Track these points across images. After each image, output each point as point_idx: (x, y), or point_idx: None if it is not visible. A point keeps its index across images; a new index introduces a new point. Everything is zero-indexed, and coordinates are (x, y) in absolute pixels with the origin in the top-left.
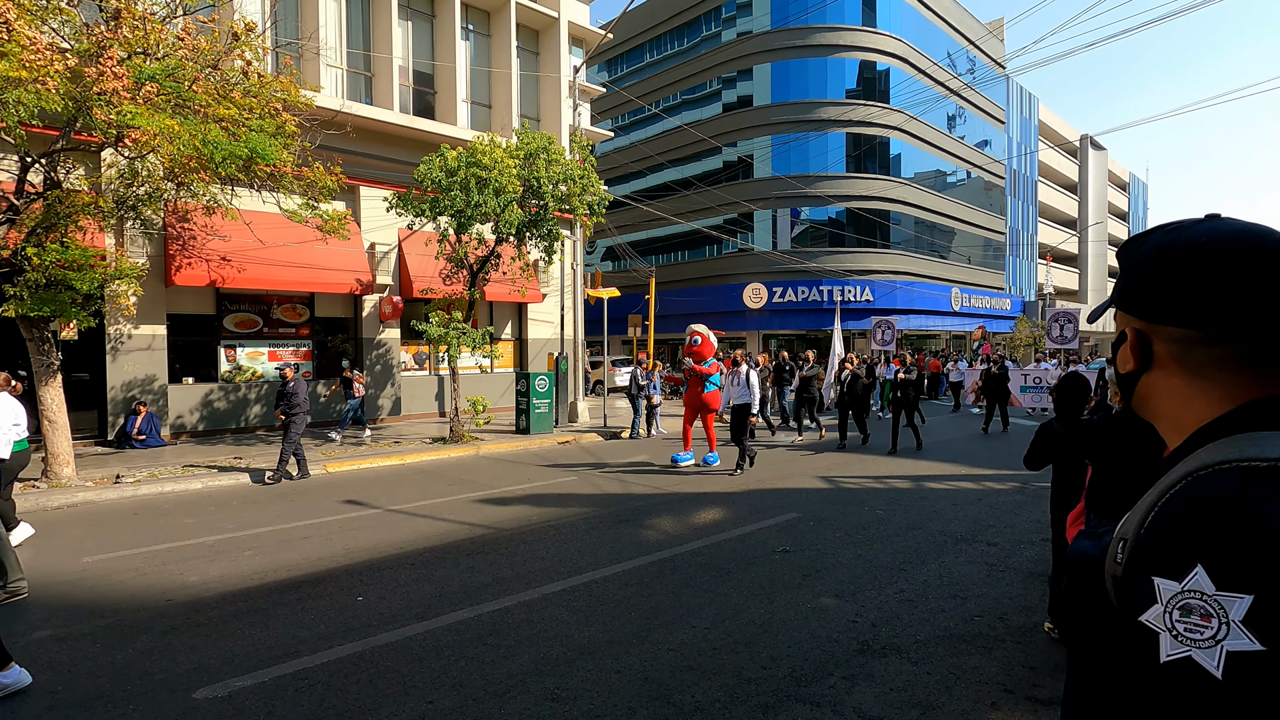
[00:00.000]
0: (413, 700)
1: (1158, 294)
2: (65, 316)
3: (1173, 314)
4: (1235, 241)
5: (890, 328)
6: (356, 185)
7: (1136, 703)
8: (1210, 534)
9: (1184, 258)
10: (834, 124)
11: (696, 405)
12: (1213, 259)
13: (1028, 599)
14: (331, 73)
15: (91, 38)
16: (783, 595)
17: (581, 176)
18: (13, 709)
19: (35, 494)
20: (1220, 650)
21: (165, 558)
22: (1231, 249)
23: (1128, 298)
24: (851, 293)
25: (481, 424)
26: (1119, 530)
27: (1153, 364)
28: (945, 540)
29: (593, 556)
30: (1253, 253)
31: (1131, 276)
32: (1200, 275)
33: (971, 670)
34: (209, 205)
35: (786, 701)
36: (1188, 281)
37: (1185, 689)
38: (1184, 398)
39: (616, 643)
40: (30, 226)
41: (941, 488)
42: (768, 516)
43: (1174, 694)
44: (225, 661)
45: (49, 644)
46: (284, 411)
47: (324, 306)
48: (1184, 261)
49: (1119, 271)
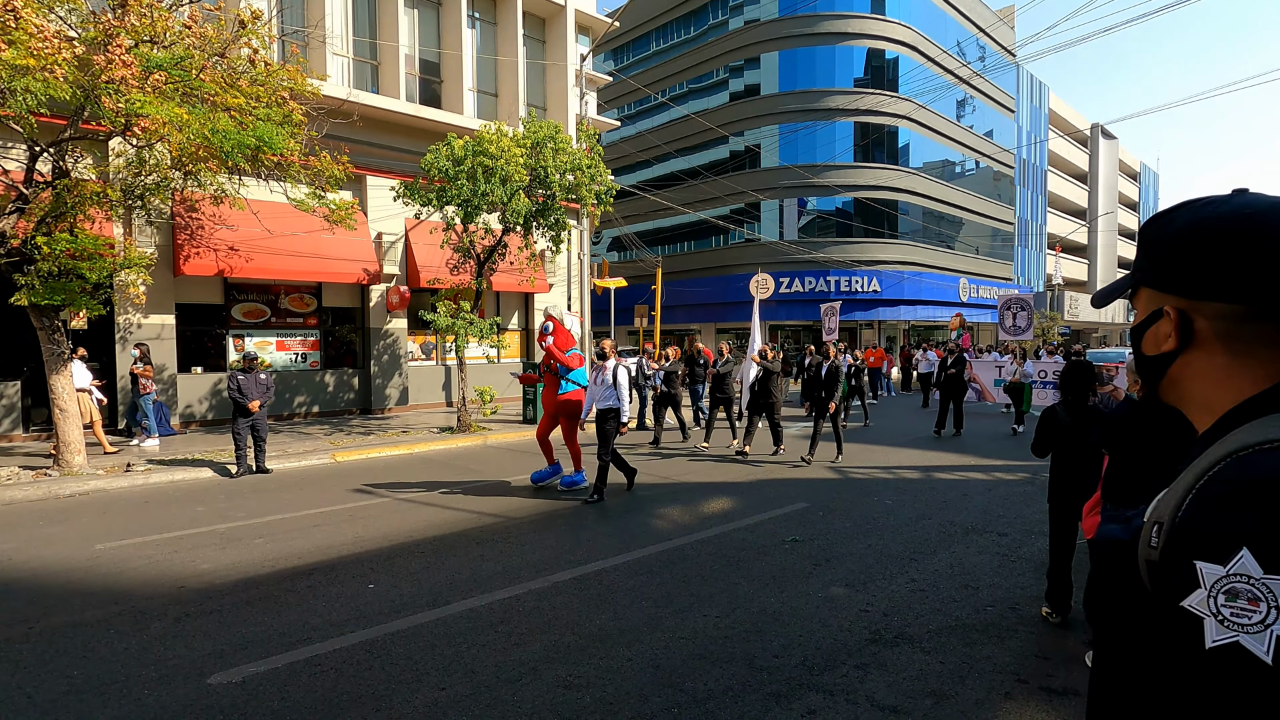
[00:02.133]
0: (426, 687)
1: (1202, 268)
2: (75, 306)
3: (1219, 289)
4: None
5: (835, 314)
6: (363, 175)
7: (1176, 691)
8: (1256, 516)
9: (1231, 230)
10: (842, 113)
11: (553, 409)
12: (1262, 231)
13: (1039, 589)
14: (337, 61)
15: (99, 25)
16: (793, 584)
17: (589, 166)
18: (29, 693)
19: (47, 482)
20: (1270, 635)
21: (177, 545)
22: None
23: (1163, 275)
24: (859, 283)
25: (489, 414)
26: (1152, 513)
27: (1193, 343)
28: (956, 530)
29: (602, 545)
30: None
31: (1167, 253)
32: (1250, 247)
33: (984, 660)
34: (216, 195)
35: (799, 690)
36: (1236, 254)
37: (1232, 675)
38: (1222, 376)
39: (627, 631)
40: (40, 216)
41: (951, 478)
42: (777, 506)
43: (1220, 680)
44: (239, 647)
45: (64, 630)
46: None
47: (331, 296)
48: (1231, 234)
49: (1143, 250)
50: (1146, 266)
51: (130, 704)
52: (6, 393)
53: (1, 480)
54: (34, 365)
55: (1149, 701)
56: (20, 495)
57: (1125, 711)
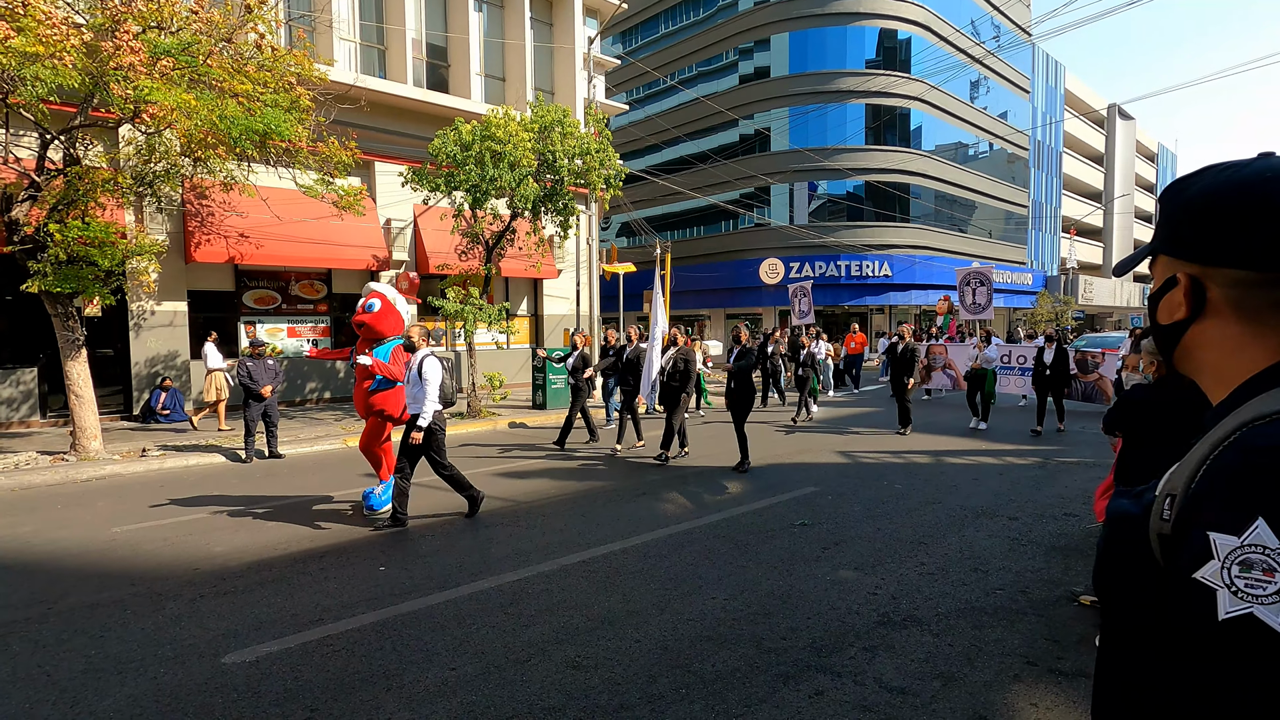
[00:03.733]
0: (436, 666)
1: (1216, 234)
2: (88, 293)
3: (1232, 255)
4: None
5: (807, 295)
6: (371, 160)
7: (1188, 663)
8: (1271, 485)
9: (1246, 194)
10: (853, 95)
11: (364, 411)
12: (1278, 195)
13: (1050, 573)
14: (344, 46)
15: (106, 11)
16: (801, 568)
17: (597, 150)
18: (49, 671)
19: (64, 467)
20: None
21: (191, 528)
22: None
23: (1177, 241)
24: (869, 268)
25: (498, 399)
26: (1163, 486)
27: (1205, 311)
28: (965, 514)
29: (610, 529)
30: None
31: (1182, 218)
32: (1265, 212)
33: (993, 643)
34: (226, 181)
35: (807, 671)
36: (1250, 219)
37: (1246, 646)
38: (1236, 346)
39: (636, 613)
40: (52, 203)
41: (961, 462)
42: (785, 490)
43: (1233, 651)
44: (252, 628)
45: (82, 610)
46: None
47: (341, 282)
48: (1246, 199)
49: (1161, 216)
50: (1162, 232)
51: (147, 682)
52: (24, 379)
53: (20, 465)
54: (50, 352)
55: (1158, 678)
56: (39, 479)
57: (1134, 689)
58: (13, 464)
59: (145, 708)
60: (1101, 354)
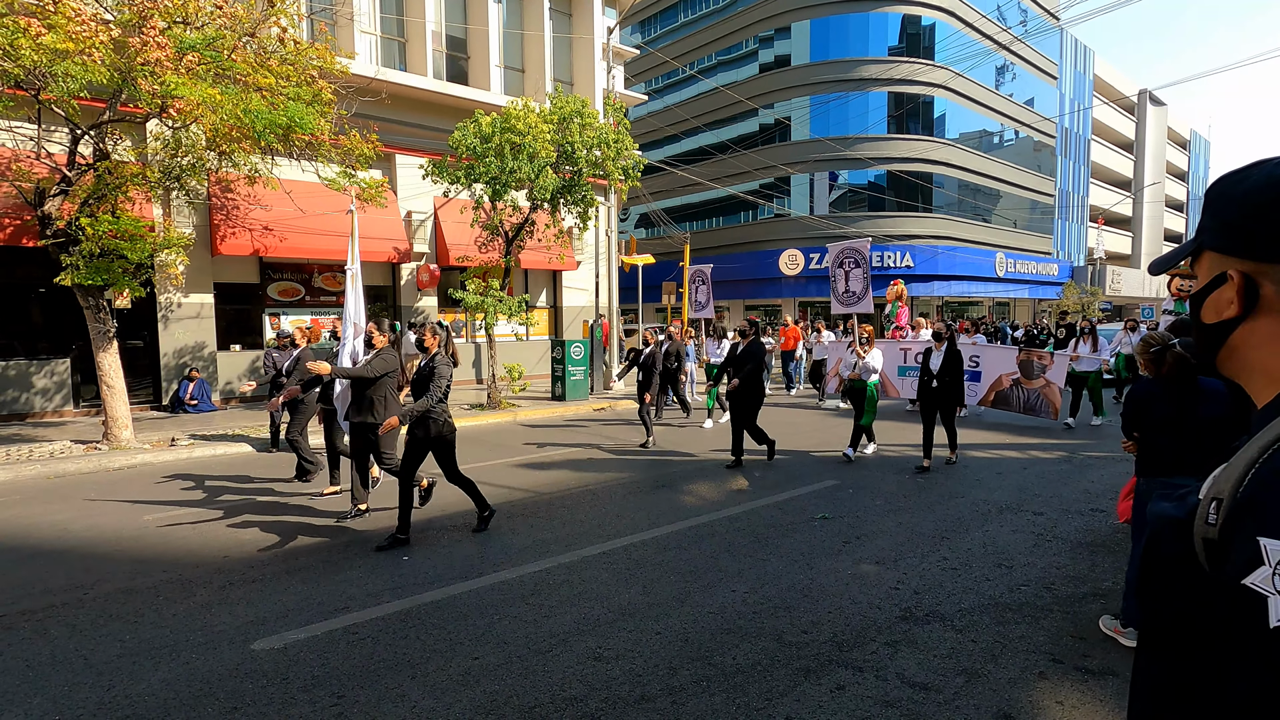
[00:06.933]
0: (459, 655)
1: (1271, 229)
2: (118, 286)
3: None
4: None
5: (705, 283)
6: (392, 153)
7: (1236, 670)
8: None
9: None
10: (875, 83)
11: None
12: None
13: (1075, 569)
14: (365, 39)
15: (133, 7)
16: (822, 561)
17: (616, 141)
18: (86, 655)
19: (97, 455)
20: None
21: (220, 516)
22: None
23: (1229, 237)
24: (891, 258)
25: (518, 391)
26: (1209, 489)
27: (1257, 309)
28: (989, 509)
29: (631, 521)
30: None
31: (1234, 214)
32: None
33: (1018, 639)
34: (251, 175)
35: (828, 665)
36: None
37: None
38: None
39: (656, 605)
40: (82, 197)
41: (985, 456)
42: (806, 483)
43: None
44: (280, 615)
45: (116, 596)
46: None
47: (363, 275)
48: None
49: (1208, 211)
50: (1211, 228)
51: (179, 666)
52: (57, 370)
53: (55, 453)
54: (81, 344)
55: (1202, 685)
56: (73, 468)
57: (1175, 695)
58: (47, 452)
59: (178, 692)
60: (1050, 355)
